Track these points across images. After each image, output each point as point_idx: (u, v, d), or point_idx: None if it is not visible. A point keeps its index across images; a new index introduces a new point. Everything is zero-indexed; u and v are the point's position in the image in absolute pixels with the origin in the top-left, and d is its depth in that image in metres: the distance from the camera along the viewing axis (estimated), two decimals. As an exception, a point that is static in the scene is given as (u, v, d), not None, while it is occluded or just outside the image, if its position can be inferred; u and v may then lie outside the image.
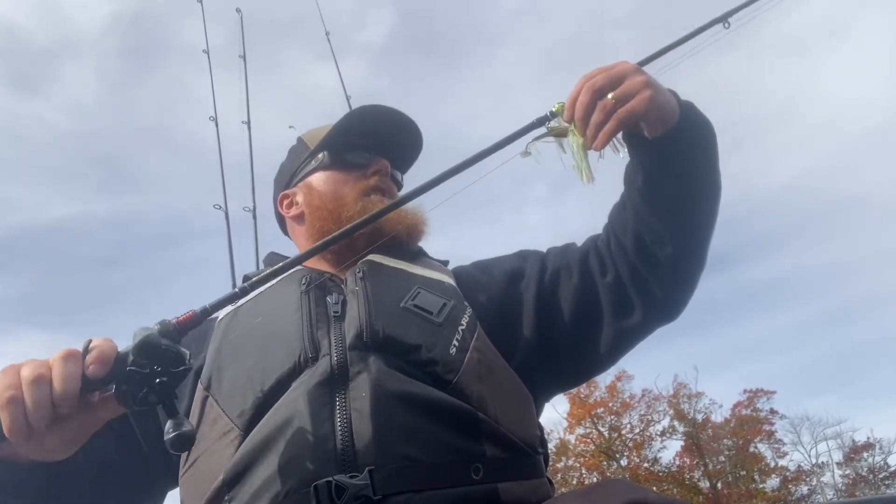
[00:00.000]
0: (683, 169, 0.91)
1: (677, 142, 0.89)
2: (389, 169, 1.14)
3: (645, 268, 0.96)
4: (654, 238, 0.94)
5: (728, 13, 0.99)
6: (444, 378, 0.87)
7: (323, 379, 0.85)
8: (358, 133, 1.13)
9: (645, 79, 0.86)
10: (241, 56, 1.93)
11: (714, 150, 0.94)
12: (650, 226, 0.94)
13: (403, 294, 0.96)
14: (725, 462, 22.84)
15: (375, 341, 0.88)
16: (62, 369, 0.68)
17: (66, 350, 0.70)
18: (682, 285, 0.99)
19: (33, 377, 0.67)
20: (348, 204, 1.07)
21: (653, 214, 0.93)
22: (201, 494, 0.84)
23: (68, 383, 0.68)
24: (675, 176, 0.91)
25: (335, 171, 1.12)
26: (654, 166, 0.91)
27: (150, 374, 0.68)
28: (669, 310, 1.01)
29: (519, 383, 0.96)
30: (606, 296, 0.99)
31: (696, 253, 0.97)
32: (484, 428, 0.85)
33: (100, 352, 0.69)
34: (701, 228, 0.96)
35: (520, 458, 0.88)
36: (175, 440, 0.69)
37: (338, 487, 0.76)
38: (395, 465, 0.78)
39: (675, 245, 0.93)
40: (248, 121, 1.83)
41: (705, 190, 0.94)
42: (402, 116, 1.15)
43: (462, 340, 0.92)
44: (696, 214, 0.94)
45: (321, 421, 0.81)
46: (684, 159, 0.90)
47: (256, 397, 0.86)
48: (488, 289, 1.05)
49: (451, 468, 0.80)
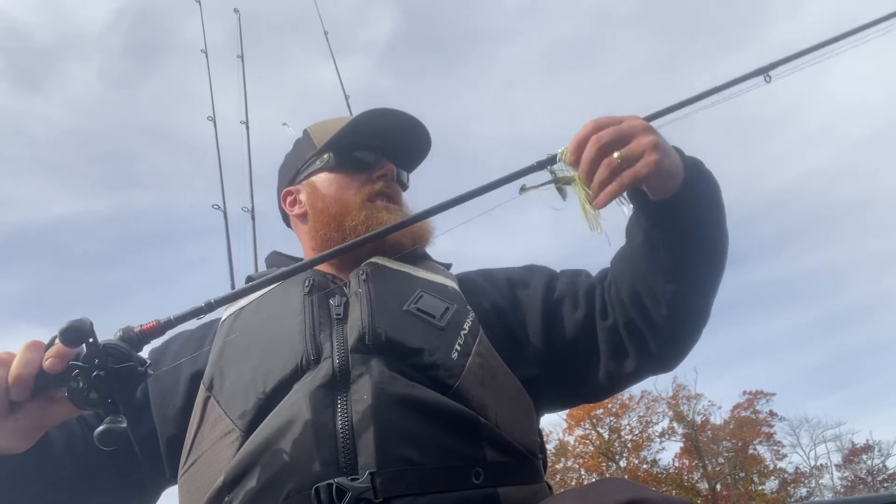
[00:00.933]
0: (683, 234, 0.88)
1: (678, 207, 0.86)
2: (395, 172, 1.13)
3: (641, 323, 0.94)
4: (651, 297, 0.92)
5: (770, 66, 0.94)
6: (445, 382, 0.87)
7: (325, 381, 0.85)
8: (365, 136, 1.12)
9: (653, 140, 0.81)
10: (240, 56, 1.92)
11: (718, 215, 0.91)
12: (647, 284, 0.92)
13: (406, 297, 0.96)
14: (724, 464, 22.84)
15: (377, 344, 0.88)
16: (21, 356, 0.70)
17: (31, 341, 0.72)
18: (678, 344, 0.97)
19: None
20: (352, 211, 1.06)
21: (650, 274, 0.91)
22: (201, 495, 0.84)
23: (23, 368, 0.70)
24: (673, 240, 0.88)
25: (340, 174, 1.11)
26: (654, 229, 0.89)
27: (90, 369, 0.69)
28: (664, 364, 0.99)
29: (521, 389, 0.95)
30: (603, 339, 0.98)
31: (694, 316, 0.95)
32: (485, 432, 0.85)
33: (59, 347, 0.70)
34: (699, 293, 0.93)
35: (520, 463, 0.88)
36: (102, 434, 0.68)
37: (339, 490, 0.76)
38: (396, 469, 0.78)
39: (672, 307, 0.91)
40: (246, 121, 1.82)
41: (706, 255, 0.91)
42: (410, 118, 1.14)
43: (464, 345, 0.91)
44: (695, 279, 0.91)
45: (322, 423, 0.81)
46: (684, 225, 0.88)
47: (258, 399, 0.86)
48: (492, 296, 1.04)
49: (451, 472, 0.80)
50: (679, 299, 0.91)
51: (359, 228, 1.03)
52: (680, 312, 0.92)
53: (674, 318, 0.92)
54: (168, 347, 1.04)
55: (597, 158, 0.81)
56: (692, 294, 0.92)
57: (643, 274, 0.92)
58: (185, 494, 0.89)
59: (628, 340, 0.96)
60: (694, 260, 0.90)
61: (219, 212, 1.69)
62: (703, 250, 0.90)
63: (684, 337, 0.96)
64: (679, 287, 0.90)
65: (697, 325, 0.96)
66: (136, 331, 0.72)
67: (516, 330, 1.01)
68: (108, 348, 0.69)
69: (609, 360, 0.98)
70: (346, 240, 1.02)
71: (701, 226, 0.89)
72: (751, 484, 22.29)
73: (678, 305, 0.91)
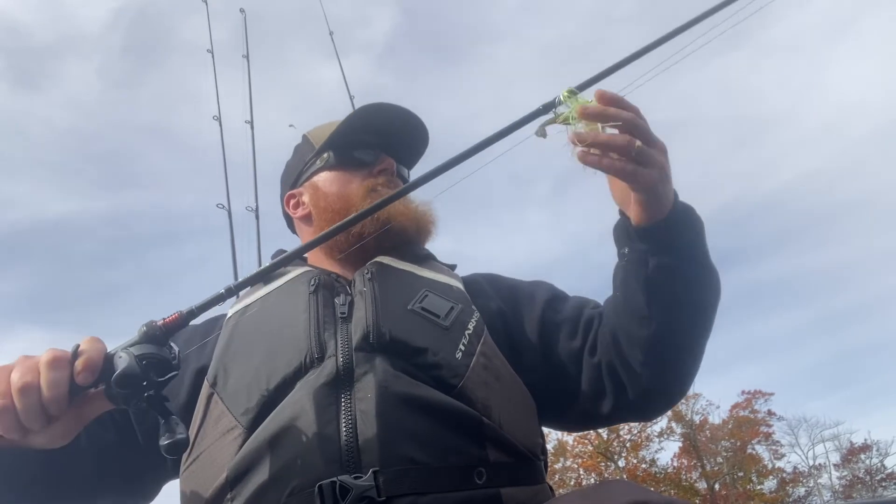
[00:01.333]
0: (659, 275, 0.85)
1: (657, 237, 0.84)
2: (395, 167, 1.14)
3: (620, 367, 0.92)
4: (627, 341, 0.90)
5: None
6: (449, 382, 0.87)
7: (328, 379, 0.85)
8: (363, 132, 1.13)
9: (665, 165, 0.82)
10: (245, 56, 1.92)
11: (698, 260, 0.87)
12: (624, 327, 0.90)
13: (411, 296, 0.96)
14: (723, 463, 22.86)
15: (381, 343, 0.88)
16: (49, 376, 0.69)
17: (53, 353, 0.70)
18: (656, 394, 0.93)
19: (21, 386, 0.69)
20: (355, 204, 1.06)
21: (626, 316, 0.90)
22: (203, 491, 0.85)
23: (56, 389, 0.69)
24: (648, 279, 0.85)
25: (341, 171, 1.12)
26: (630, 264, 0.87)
27: (139, 391, 0.70)
28: (641, 412, 0.98)
29: (524, 391, 0.96)
30: (587, 375, 0.96)
31: (672, 367, 0.91)
32: (488, 433, 0.85)
33: (87, 358, 0.70)
34: (676, 341, 0.89)
35: (522, 464, 0.88)
36: (170, 446, 0.70)
37: (342, 488, 0.76)
38: (399, 467, 0.78)
39: (646, 353, 0.88)
40: (251, 120, 1.82)
41: (683, 301, 0.87)
42: (407, 112, 1.14)
43: (468, 345, 0.91)
44: (669, 324, 0.87)
45: (326, 421, 0.81)
46: (661, 262, 0.84)
47: (262, 396, 0.86)
48: (496, 300, 1.04)
49: (454, 472, 0.80)
50: (653, 345, 0.87)
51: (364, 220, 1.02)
52: (656, 360, 0.88)
53: (650, 366, 0.89)
54: (174, 342, 1.04)
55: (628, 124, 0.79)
56: (667, 340, 0.88)
57: (620, 315, 0.91)
58: (186, 491, 0.89)
59: (608, 382, 0.94)
60: (667, 304, 0.86)
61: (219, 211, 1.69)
62: (678, 295, 0.86)
63: (663, 388, 0.93)
64: (652, 332, 0.87)
65: (677, 377, 0.92)
66: (160, 324, 0.73)
67: (516, 337, 1.01)
68: (149, 362, 0.70)
69: (588, 398, 0.97)
70: (350, 233, 1.02)
71: (679, 268, 0.85)
72: (749, 483, 22.32)
73: (652, 352, 0.88)
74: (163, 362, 0.71)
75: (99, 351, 0.72)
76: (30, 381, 0.69)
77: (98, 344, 0.73)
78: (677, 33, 0.89)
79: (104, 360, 0.71)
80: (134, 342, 0.72)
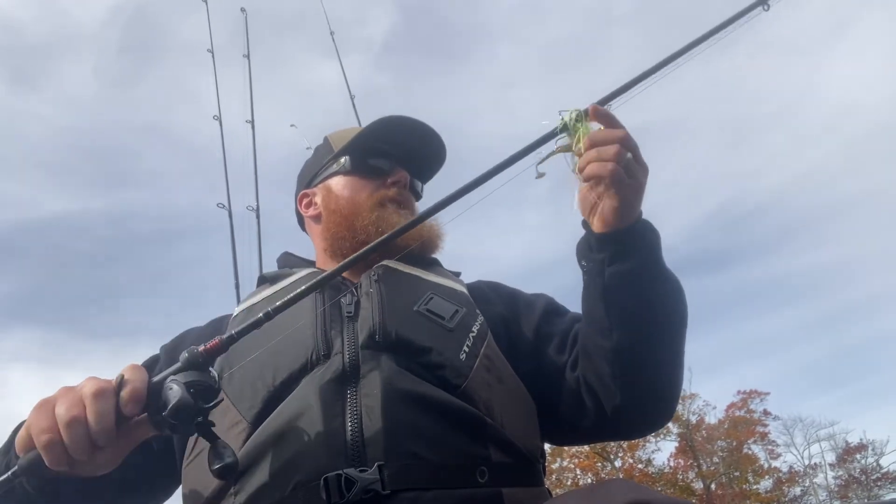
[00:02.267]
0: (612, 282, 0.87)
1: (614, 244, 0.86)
2: (409, 180, 1.15)
3: (594, 382, 0.92)
4: (595, 354, 0.91)
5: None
6: (452, 382, 0.88)
7: (335, 376, 0.86)
8: (382, 141, 1.14)
9: (644, 183, 0.87)
10: (246, 55, 1.92)
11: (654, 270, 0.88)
12: (591, 340, 0.91)
13: (417, 298, 0.98)
14: (719, 463, 22.90)
15: (387, 342, 0.90)
16: (97, 408, 0.69)
17: (97, 385, 0.70)
18: (630, 412, 0.91)
19: (69, 419, 0.68)
20: (363, 212, 1.07)
21: (590, 328, 0.91)
22: (205, 485, 0.85)
23: (104, 422, 0.69)
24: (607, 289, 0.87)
25: (355, 177, 1.13)
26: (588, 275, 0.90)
27: (188, 420, 0.71)
28: (619, 430, 0.98)
29: (525, 394, 0.97)
30: (566, 391, 0.97)
31: (638, 380, 0.89)
32: (490, 433, 0.87)
33: (133, 389, 0.70)
34: (637, 357, 0.88)
35: (523, 465, 0.90)
36: (222, 470, 0.72)
37: (347, 480, 0.77)
38: (403, 462, 0.79)
39: (612, 367, 0.88)
40: (251, 120, 1.81)
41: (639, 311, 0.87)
42: (428, 129, 1.16)
43: (472, 347, 0.93)
44: (631, 338, 0.88)
45: (332, 416, 0.83)
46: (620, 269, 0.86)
47: (267, 391, 0.87)
48: (498, 307, 1.06)
49: (457, 469, 0.82)
50: (618, 356, 0.88)
51: (369, 229, 1.05)
52: (623, 372, 0.88)
53: (618, 378, 0.89)
54: (182, 343, 1.05)
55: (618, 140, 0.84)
56: (631, 350, 0.88)
57: (586, 330, 0.93)
58: (188, 485, 0.90)
59: (587, 398, 0.94)
60: (625, 311, 0.87)
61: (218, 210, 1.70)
62: (635, 302, 0.87)
63: (637, 403, 0.91)
64: (615, 342, 0.87)
65: (649, 392, 0.92)
66: (201, 350, 0.74)
67: (514, 344, 1.02)
68: (196, 390, 0.71)
69: (569, 413, 0.98)
70: (356, 239, 1.04)
71: (634, 272, 0.87)
72: (745, 483, 22.36)
73: (618, 363, 0.88)
74: (208, 389, 0.72)
75: (143, 381, 0.72)
76: (76, 414, 0.68)
77: (141, 373, 0.73)
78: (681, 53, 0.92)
79: (148, 388, 0.72)
80: (178, 369, 0.73)
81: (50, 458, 0.69)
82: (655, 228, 0.90)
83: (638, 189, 0.86)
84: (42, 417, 0.69)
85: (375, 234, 1.03)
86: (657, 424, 0.99)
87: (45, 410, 0.70)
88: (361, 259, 0.85)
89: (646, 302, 0.88)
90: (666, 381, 0.92)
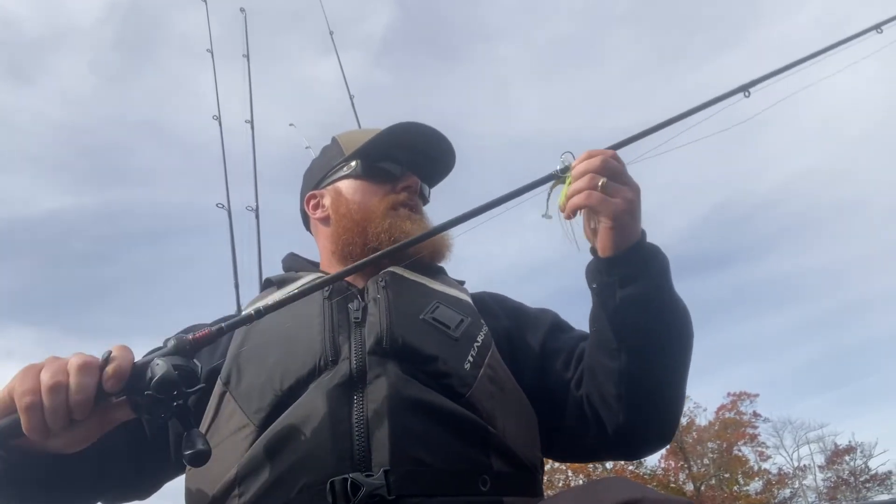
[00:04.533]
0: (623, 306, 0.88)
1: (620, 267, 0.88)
2: (419, 186, 1.16)
3: (598, 401, 0.94)
4: (601, 374, 0.92)
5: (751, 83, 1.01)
6: (457, 391, 0.89)
7: (342, 381, 0.87)
8: (394, 147, 1.14)
9: (635, 198, 0.88)
10: (245, 55, 1.91)
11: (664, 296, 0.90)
12: (598, 360, 0.93)
13: (423, 306, 0.98)
14: (709, 465, 23.01)
15: (394, 348, 0.90)
16: (79, 379, 0.70)
17: (83, 358, 0.72)
18: (633, 432, 0.93)
19: (51, 384, 0.70)
20: (376, 218, 1.07)
21: (598, 348, 0.93)
22: (209, 487, 0.86)
23: (84, 393, 0.70)
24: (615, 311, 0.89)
25: (365, 182, 1.13)
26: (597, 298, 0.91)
27: (168, 400, 0.71)
28: (621, 450, 1.00)
29: (527, 404, 0.98)
30: (570, 408, 0.98)
31: (643, 401, 0.91)
32: (493, 441, 0.87)
33: (117, 366, 0.72)
34: (644, 378, 0.90)
35: (523, 475, 0.91)
36: (192, 457, 0.72)
37: (353, 485, 0.78)
38: (408, 468, 0.80)
39: (618, 388, 0.90)
40: (251, 120, 1.81)
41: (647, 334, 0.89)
42: (439, 136, 1.16)
43: (477, 357, 0.94)
44: (639, 360, 0.89)
45: (339, 421, 0.83)
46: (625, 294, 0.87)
47: (275, 395, 0.88)
48: (502, 320, 1.07)
49: (460, 477, 0.83)
50: (624, 377, 0.89)
51: (381, 236, 1.05)
52: (628, 393, 0.90)
53: (623, 399, 0.90)
54: None
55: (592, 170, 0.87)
56: (638, 372, 0.89)
57: (593, 350, 0.94)
58: (192, 487, 0.90)
59: (590, 416, 0.96)
60: (634, 334, 0.89)
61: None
62: (644, 325, 0.89)
63: (641, 424, 0.93)
64: (623, 364, 0.89)
65: (653, 413, 0.93)
66: (190, 339, 0.74)
67: (519, 358, 1.03)
68: (181, 373, 0.71)
69: (571, 431, 0.99)
70: (367, 245, 1.05)
71: (644, 297, 0.88)
72: (735, 485, 22.47)
73: (624, 384, 0.89)
74: (192, 374, 0.72)
75: (128, 360, 0.73)
76: (59, 380, 0.70)
77: (128, 353, 0.74)
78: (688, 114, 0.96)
79: (132, 369, 0.72)
80: (164, 353, 0.73)
81: (28, 421, 0.70)
82: (664, 253, 0.91)
83: (626, 208, 0.86)
84: (27, 380, 0.71)
85: (388, 241, 1.03)
86: (658, 446, 1.00)
87: (30, 374, 0.71)
88: (372, 264, 0.86)
89: (654, 326, 0.89)
90: (669, 403, 0.94)
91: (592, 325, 0.94)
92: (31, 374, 0.72)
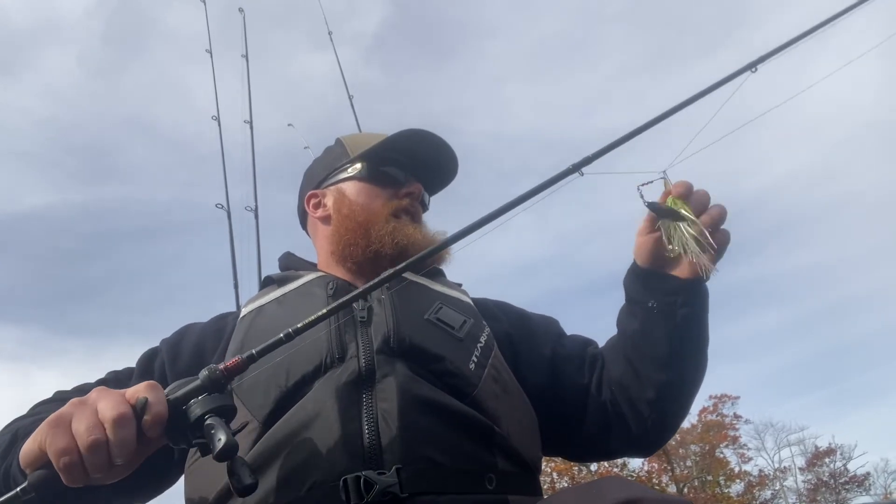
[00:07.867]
0: (683, 325, 0.97)
1: (692, 294, 0.96)
2: (421, 193, 1.16)
3: (626, 406, 1.01)
4: (643, 382, 1.00)
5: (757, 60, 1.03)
6: (463, 391, 0.90)
7: (351, 379, 0.87)
8: (400, 152, 1.15)
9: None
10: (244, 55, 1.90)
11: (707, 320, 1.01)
12: (638, 370, 1.00)
13: (427, 307, 1.00)
14: (692, 467, 23.19)
15: (402, 348, 0.91)
16: (119, 436, 0.66)
17: (118, 409, 0.67)
18: (659, 433, 1.04)
19: (90, 443, 0.65)
20: (379, 222, 1.08)
21: (643, 360, 0.99)
22: (211, 486, 0.85)
23: (125, 448, 0.67)
24: (676, 328, 0.97)
25: (369, 185, 1.14)
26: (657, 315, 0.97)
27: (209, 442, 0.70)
28: (642, 448, 1.08)
29: (529, 405, 1.00)
30: (592, 411, 1.04)
31: (677, 409, 1.02)
32: (498, 441, 0.89)
33: (156, 413, 0.68)
34: (685, 387, 1.01)
35: (526, 475, 0.92)
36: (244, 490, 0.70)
37: (366, 482, 0.78)
38: (419, 467, 0.81)
39: (659, 394, 0.99)
40: (250, 120, 1.79)
41: (697, 351, 1.00)
42: (444, 145, 1.17)
43: (481, 357, 0.95)
44: (684, 372, 1.00)
45: (349, 419, 0.84)
46: (690, 314, 0.97)
47: (280, 392, 0.88)
48: (505, 324, 1.08)
49: (468, 476, 0.84)
50: (668, 388, 0.99)
51: (385, 239, 1.05)
52: (665, 401, 1.00)
53: (657, 405, 1.00)
54: (183, 339, 1.05)
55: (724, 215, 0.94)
56: (679, 385, 1.00)
57: (635, 361, 1.00)
58: (192, 484, 0.90)
59: (614, 419, 1.03)
60: (687, 352, 0.99)
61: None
62: (695, 344, 1.00)
63: (664, 427, 1.04)
64: (669, 377, 0.99)
65: (676, 418, 1.04)
66: (221, 369, 0.73)
67: (523, 363, 1.04)
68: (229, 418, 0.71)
69: (592, 433, 1.04)
70: (369, 247, 1.05)
71: (700, 319, 0.99)
72: (717, 487, 22.67)
73: (664, 394, 0.99)
74: (231, 410, 0.72)
75: (165, 404, 0.70)
76: (98, 437, 0.66)
77: (160, 395, 0.70)
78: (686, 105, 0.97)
79: (169, 410, 0.70)
80: (198, 388, 0.71)
81: (68, 478, 0.67)
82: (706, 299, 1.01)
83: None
84: (60, 437, 0.66)
85: (391, 244, 1.04)
86: (656, 449, 1.10)
87: (61, 429, 0.67)
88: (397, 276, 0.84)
89: (700, 344, 1.01)
90: (683, 415, 1.05)
91: (644, 338, 0.99)
92: (62, 428, 0.67)
